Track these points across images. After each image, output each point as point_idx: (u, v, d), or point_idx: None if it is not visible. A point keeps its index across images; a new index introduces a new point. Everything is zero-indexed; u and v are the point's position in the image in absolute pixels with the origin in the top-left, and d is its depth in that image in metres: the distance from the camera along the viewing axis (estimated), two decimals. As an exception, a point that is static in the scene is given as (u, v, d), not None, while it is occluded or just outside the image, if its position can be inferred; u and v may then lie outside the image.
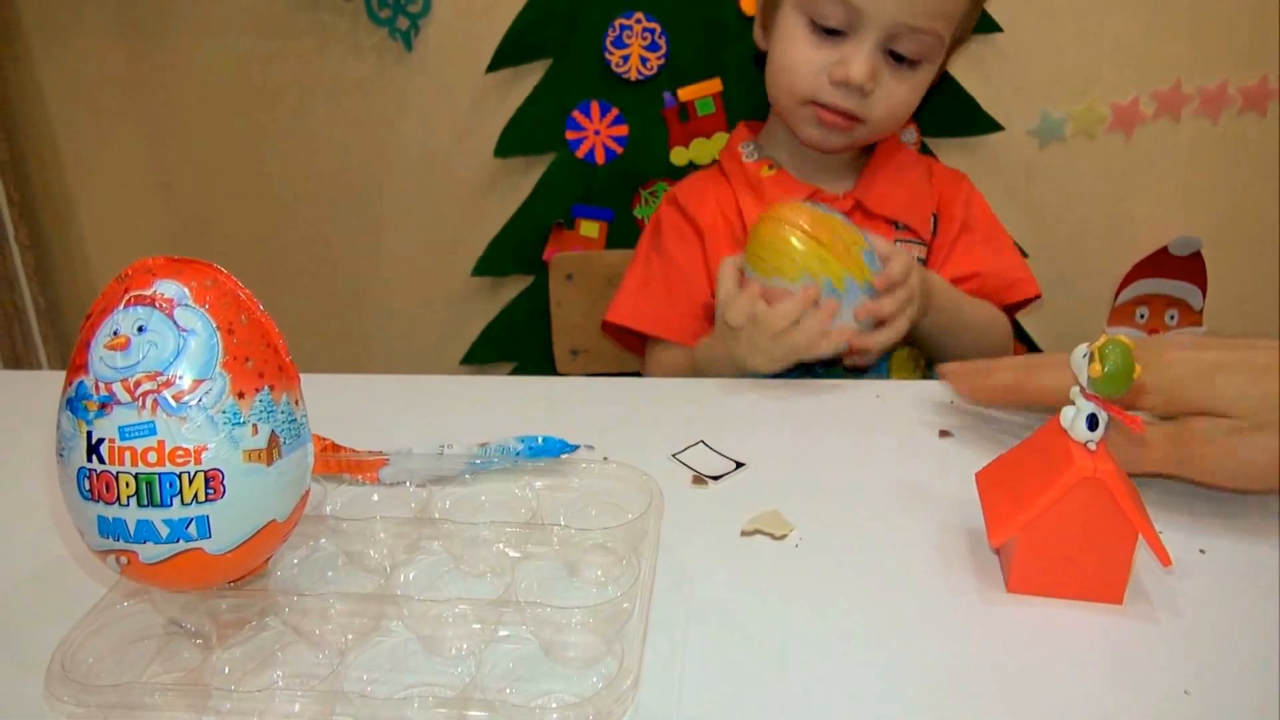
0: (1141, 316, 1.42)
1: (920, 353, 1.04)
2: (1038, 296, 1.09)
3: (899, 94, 0.95)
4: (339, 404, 0.68)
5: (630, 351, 1.19)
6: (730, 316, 0.82)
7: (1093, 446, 0.51)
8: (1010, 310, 1.08)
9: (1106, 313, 1.43)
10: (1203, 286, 1.40)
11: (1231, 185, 1.36)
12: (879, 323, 0.83)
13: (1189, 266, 1.39)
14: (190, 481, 0.46)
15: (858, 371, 0.94)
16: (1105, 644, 0.50)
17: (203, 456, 0.46)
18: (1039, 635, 0.51)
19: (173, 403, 0.46)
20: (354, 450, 0.64)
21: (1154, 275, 1.40)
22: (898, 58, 0.94)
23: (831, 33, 0.92)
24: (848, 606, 0.53)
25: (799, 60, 0.95)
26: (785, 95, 0.98)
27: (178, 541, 0.46)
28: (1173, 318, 1.42)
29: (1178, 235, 1.37)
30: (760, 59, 1.07)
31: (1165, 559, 0.52)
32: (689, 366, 0.99)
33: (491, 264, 1.43)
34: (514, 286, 1.46)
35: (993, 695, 0.47)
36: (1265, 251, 1.39)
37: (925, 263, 1.04)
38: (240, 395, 0.47)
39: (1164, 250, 1.38)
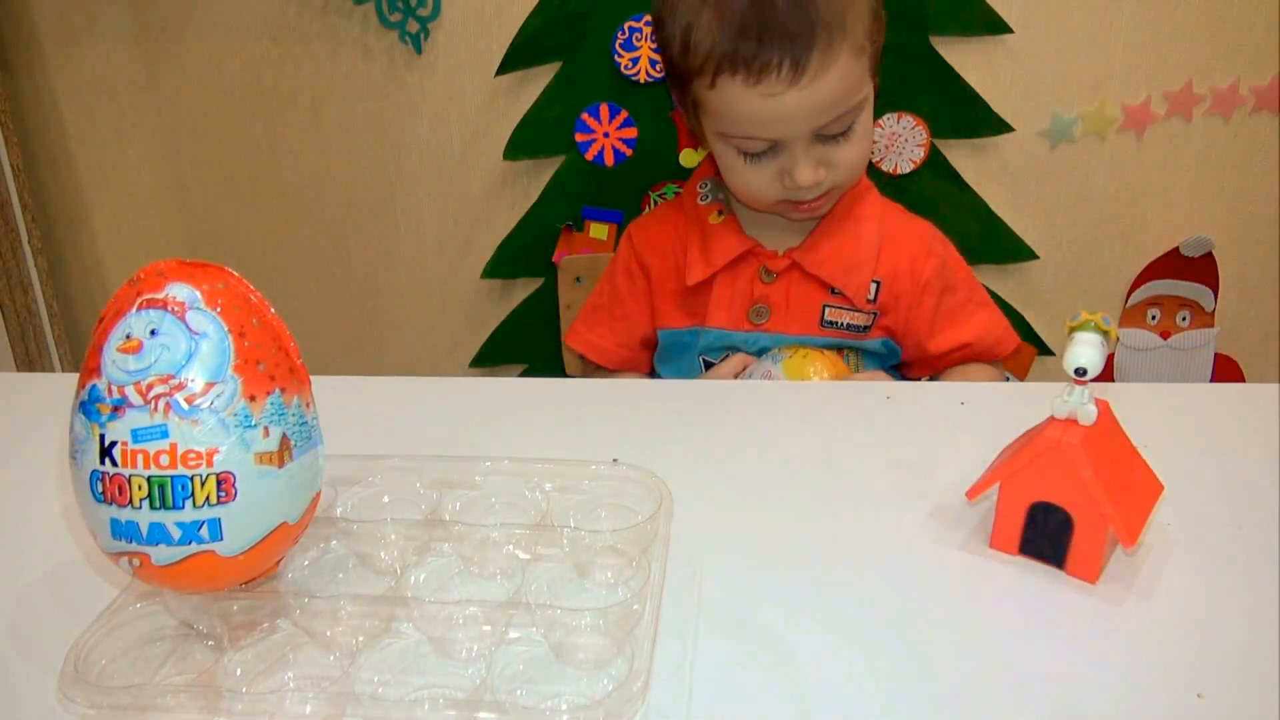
0: (1153, 318, 1.42)
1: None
2: (1017, 348, 1.10)
3: (854, 149, 0.94)
4: (350, 406, 0.68)
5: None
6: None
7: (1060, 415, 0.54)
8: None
9: (1118, 314, 1.42)
10: (1215, 287, 1.40)
11: (1244, 185, 1.35)
12: None
13: (1201, 267, 1.39)
14: (202, 484, 0.46)
15: None
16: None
17: (214, 459, 0.46)
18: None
19: (185, 406, 0.46)
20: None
21: (1166, 276, 1.39)
22: (836, 135, 0.93)
23: (763, 153, 0.93)
24: (858, 608, 0.53)
25: (748, 182, 0.95)
26: (751, 203, 0.98)
27: (190, 544, 0.47)
28: (1185, 319, 1.41)
29: (1189, 236, 1.37)
30: None
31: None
32: None
33: (501, 267, 1.43)
34: (524, 289, 1.46)
35: (1002, 693, 0.47)
36: (1277, 252, 1.38)
37: (869, 330, 1.01)
38: (252, 398, 0.47)
39: (1176, 251, 1.38)
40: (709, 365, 1.02)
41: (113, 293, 0.49)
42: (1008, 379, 1.38)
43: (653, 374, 1.11)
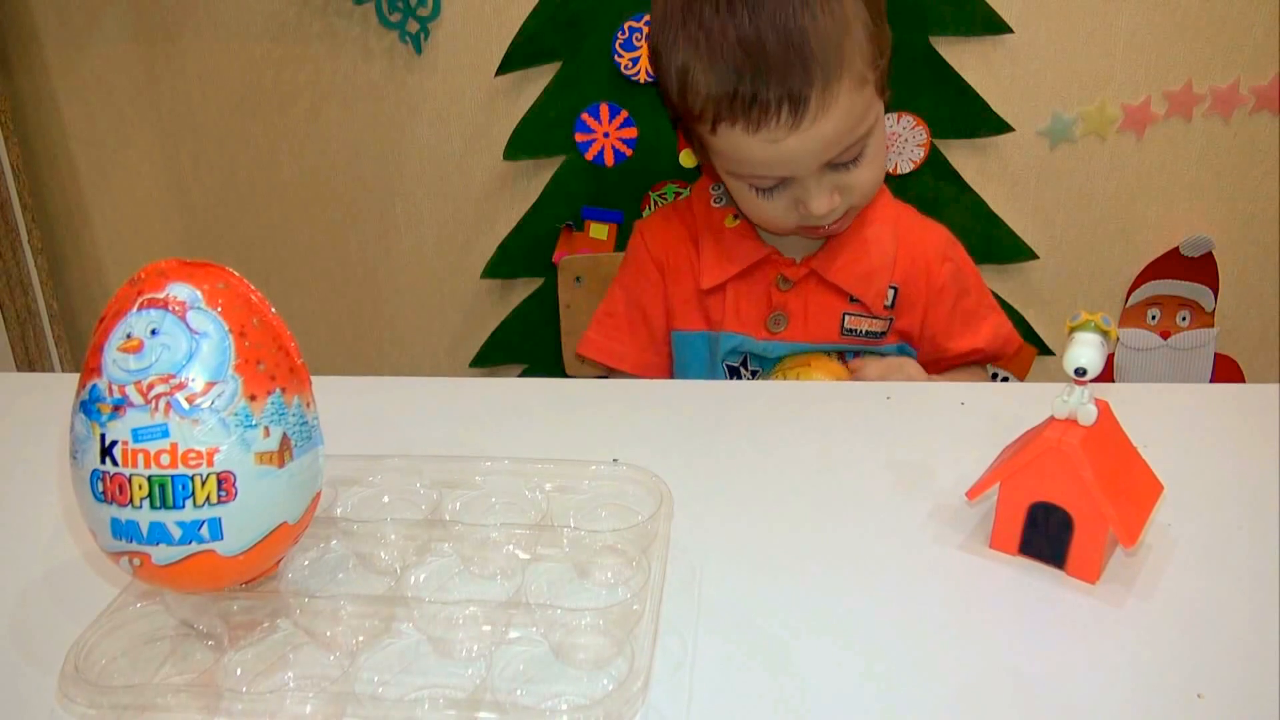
0: (1153, 318, 1.42)
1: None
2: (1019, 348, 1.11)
3: (867, 171, 0.92)
4: (350, 406, 0.68)
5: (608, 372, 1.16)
6: None
7: (1060, 415, 0.54)
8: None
9: (1118, 314, 1.42)
10: (1215, 287, 1.40)
11: (1243, 185, 1.35)
12: None
13: (1201, 267, 1.39)
14: (202, 483, 0.46)
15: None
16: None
17: (215, 459, 0.46)
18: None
19: (185, 405, 0.46)
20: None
21: (1166, 276, 1.39)
22: (848, 162, 0.91)
23: (775, 186, 0.91)
24: (858, 609, 0.53)
25: (762, 213, 0.94)
26: (768, 229, 0.97)
27: (190, 543, 0.47)
28: (1185, 319, 1.41)
29: (1189, 236, 1.37)
30: None
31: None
32: None
33: (501, 267, 1.43)
34: (524, 289, 1.46)
35: (1002, 693, 0.47)
36: (1277, 252, 1.38)
37: (885, 336, 1.00)
38: (252, 398, 0.47)
39: (1175, 251, 1.38)
40: (732, 370, 1.01)
41: (113, 293, 0.49)
42: (1006, 379, 1.39)
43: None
